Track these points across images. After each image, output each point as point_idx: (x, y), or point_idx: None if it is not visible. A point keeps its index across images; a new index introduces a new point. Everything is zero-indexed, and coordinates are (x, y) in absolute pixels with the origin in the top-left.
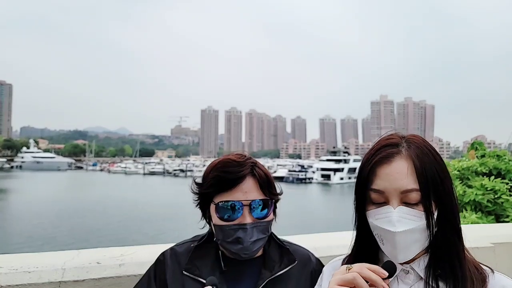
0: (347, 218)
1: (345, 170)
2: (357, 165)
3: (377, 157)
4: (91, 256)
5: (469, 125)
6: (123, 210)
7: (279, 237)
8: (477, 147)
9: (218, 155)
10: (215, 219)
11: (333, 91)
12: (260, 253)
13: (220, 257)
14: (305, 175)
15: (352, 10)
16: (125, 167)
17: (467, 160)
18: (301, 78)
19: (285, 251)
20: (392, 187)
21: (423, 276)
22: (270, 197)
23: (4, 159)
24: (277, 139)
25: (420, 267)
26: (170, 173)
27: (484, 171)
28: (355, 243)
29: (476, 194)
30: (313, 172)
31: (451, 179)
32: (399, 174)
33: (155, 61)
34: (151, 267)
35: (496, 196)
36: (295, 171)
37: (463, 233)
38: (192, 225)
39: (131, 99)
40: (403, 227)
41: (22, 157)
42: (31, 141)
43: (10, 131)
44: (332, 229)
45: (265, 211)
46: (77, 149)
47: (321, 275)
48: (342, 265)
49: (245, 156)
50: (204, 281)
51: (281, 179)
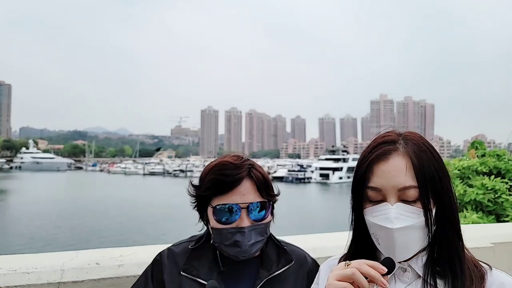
0: (346, 217)
1: (344, 169)
2: None
3: (374, 154)
4: (90, 256)
5: (469, 124)
6: (123, 210)
7: (276, 237)
8: (477, 147)
9: (218, 155)
10: (213, 222)
11: (333, 91)
12: (258, 253)
13: (218, 257)
14: (304, 175)
15: (352, 10)
16: (125, 168)
17: (467, 159)
18: (301, 78)
19: (282, 251)
20: (389, 184)
21: (421, 274)
22: (267, 199)
23: (3, 160)
24: (277, 139)
25: (418, 265)
26: (170, 173)
27: (484, 170)
28: (351, 242)
29: (477, 193)
30: (312, 171)
31: (449, 177)
32: (396, 171)
33: (155, 61)
34: (148, 267)
35: (496, 195)
36: (294, 171)
37: (462, 233)
38: (192, 225)
39: (131, 99)
40: (400, 223)
41: (21, 158)
42: (31, 141)
43: (9, 132)
44: (330, 228)
45: (263, 213)
46: (76, 149)
47: (318, 273)
48: (339, 263)
49: (242, 157)
50: (201, 281)
51: (281, 179)
